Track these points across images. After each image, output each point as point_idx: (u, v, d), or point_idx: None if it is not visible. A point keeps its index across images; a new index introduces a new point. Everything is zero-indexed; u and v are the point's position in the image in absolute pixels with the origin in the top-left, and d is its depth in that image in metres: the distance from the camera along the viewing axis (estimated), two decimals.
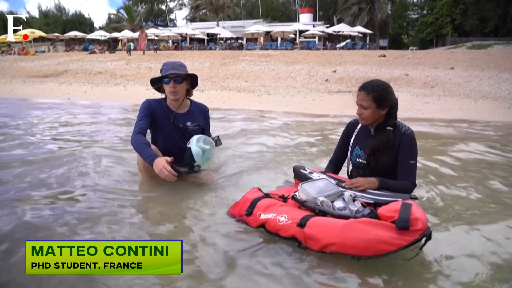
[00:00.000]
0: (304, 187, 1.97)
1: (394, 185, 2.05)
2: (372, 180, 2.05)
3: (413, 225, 1.56)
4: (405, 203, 1.69)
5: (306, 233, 1.70)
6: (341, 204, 1.88)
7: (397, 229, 1.56)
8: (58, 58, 17.97)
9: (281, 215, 1.83)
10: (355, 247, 1.58)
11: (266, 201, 1.99)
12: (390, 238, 1.55)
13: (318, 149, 4.07)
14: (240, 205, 2.08)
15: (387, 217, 1.68)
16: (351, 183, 2.06)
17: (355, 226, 1.61)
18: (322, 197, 1.89)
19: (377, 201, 1.90)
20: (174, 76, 2.56)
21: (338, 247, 1.60)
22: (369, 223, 1.63)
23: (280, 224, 1.80)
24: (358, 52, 19.89)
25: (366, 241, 1.56)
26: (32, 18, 45.22)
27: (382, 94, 2.11)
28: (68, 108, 7.64)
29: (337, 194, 1.96)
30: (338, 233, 1.61)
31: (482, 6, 28.76)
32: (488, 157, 3.83)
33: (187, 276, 1.56)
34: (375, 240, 1.55)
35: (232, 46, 28.05)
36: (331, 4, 41.81)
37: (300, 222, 1.74)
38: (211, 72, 13.06)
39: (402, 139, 2.12)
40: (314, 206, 1.86)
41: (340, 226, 1.64)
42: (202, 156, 2.48)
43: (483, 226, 2.12)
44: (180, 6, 50.72)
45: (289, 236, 1.77)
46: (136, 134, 2.47)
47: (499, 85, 9.45)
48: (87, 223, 2.06)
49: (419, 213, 1.62)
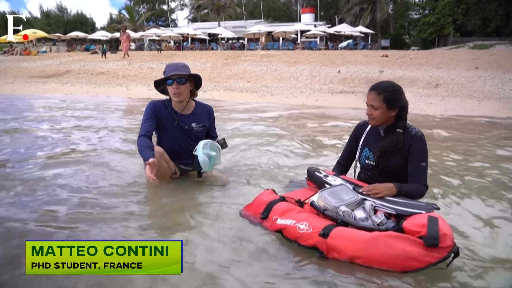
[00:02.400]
0: (324, 195, 1.92)
1: (410, 189, 2.01)
2: (391, 186, 1.99)
3: (441, 242, 1.52)
4: (431, 217, 1.64)
5: (329, 244, 1.65)
6: (362, 214, 1.83)
7: (426, 246, 1.52)
8: (60, 58, 18.02)
9: (301, 222, 1.78)
10: (382, 262, 1.55)
11: (282, 205, 1.96)
12: (418, 254, 1.52)
13: (321, 148, 4.05)
14: (255, 207, 2.04)
15: (413, 232, 1.62)
16: (369, 190, 2.00)
17: (382, 240, 1.58)
18: (344, 207, 1.84)
19: (399, 212, 1.83)
20: (177, 77, 2.55)
21: (364, 260, 1.57)
22: (397, 237, 1.59)
23: (301, 232, 1.75)
24: (360, 52, 19.87)
25: (394, 256, 1.53)
26: (34, 18, 45.39)
27: (393, 94, 2.10)
28: (70, 104, 7.64)
29: (356, 202, 1.91)
30: (364, 247, 1.58)
31: (484, 6, 28.68)
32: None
33: (187, 276, 1.55)
34: (403, 256, 1.52)
35: (234, 46, 28.09)
36: (333, 4, 41.83)
37: (323, 232, 1.68)
38: (213, 72, 13.06)
39: (412, 141, 2.10)
40: (336, 216, 1.81)
41: (367, 239, 1.60)
42: (209, 163, 2.48)
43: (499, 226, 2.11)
44: (182, 6, 50.91)
45: (309, 246, 1.72)
46: (140, 137, 2.47)
47: (502, 85, 9.41)
48: (88, 223, 2.05)
49: (446, 229, 1.58)
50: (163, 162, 2.57)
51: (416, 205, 1.85)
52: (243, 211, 2.12)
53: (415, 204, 1.87)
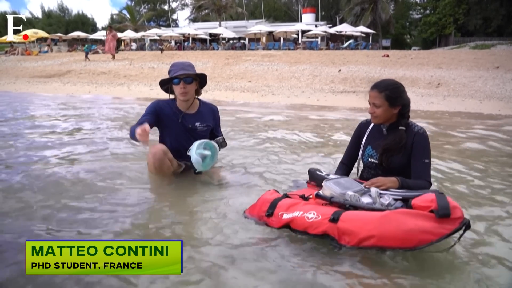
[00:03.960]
0: (328, 184, 1.91)
1: (413, 184, 2.02)
2: (393, 179, 2.00)
3: (452, 213, 1.53)
4: (439, 193, 1.65)
5: (340, 228, 1.62)
6: (369, 200, 1.82)
7: (438, 217, 1.52)
8: (61, 58, 18.06)
9: (309, 212, 1.75)
10: (395, 239, 1.52)
11: (287, 201, 1.94)
12: (431, 227, 1.51)
13: (324, 147, 4.04)
14: (259, 206, 2.01)
15: (423, 207, 1.61)
16: (372, 183, 1.99)
17: (394, 217, 1.56)
18: (350, 191, 1.83)
19: (405, 197, 1.83)
20: (184, 76, 2.55)
21: (377, 239, 1.54)
22: (408, 213, 1.58)
23: (309, 221, 1.72)
24: (361, 52, 19.87)
25: (407, 231, 1.51)
26: (35, 19, 45.44)
27: (394, 92, 2.10)
28: (70, 104, 7.65)
29: (362, 191, 1.90)
30: (376, 226, 1.55)
31: (485, 6, 28.64)
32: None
33: (187, 276, 1.54)
34: (416, 230, 1.51)
35: (235, 46, 28.08)
36: (334, 4, 41.79)
37: (332, 217, 1.66)
38: (214, 72, 13.07)
39: (415, 138, 2.10)
40: (343, 201, 1.79)
41: (378, 217, 1.58)
42: (203, 163, 2.47)
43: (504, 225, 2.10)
44: (183, 6, 50.89)
45: (320, 233, 1.69)
46: (132, 126, 2.49)
47: (504, 85, 9.40)
48: (87, 223, 2.04)
49: (455, 202, 1.59)
50: (166, 160, 2.57)
51: (421, 191, 1.85)
52: (247, 212, 2.09)
53: (420, 190, 1.87)
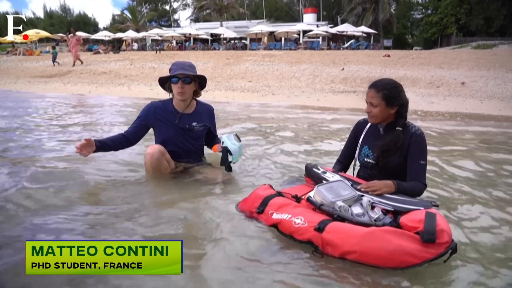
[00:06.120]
0: (320, 190, 1.90)
1: (408, 187, 2.00)
2: (389, 183, 1.97)
3: (439, 238, 1.50)
4: (429, 213, 1.62)
5: (325, 238, 1.62)
6: (359, 210, 1.81)
7: (423, 241, 1.50)
8: (62, 58, 18.06)
9: (297, 216, 1.75)
10: (377, 257, 1.51)
11: (278, 199, 1.94)
12: (415, 250, 1.49)
13: (321, 146, 4.04)
14: (251, 201, 2.02)
15: (410, 227, 1.60)
16: (367, 187, 1.97)
17: (378, 235, 1.54)
18: (340, 202, 1.82)
19: (397, 209, 1.80)
20: (183, 76, 2.55)
21: (358, 255, 1.53)
22: (393, 232, 1.56)
23: (296, 227, 1.72)
24: (362, 52, 19.85)
25: (390, 251, 1.49)
26: (37, 19, 45.56)
27: (392, 92, 2.08)
28: (70, 104, 7.67)
29: (354, 199, 1.89)
30: (359, 241, 1.54)
31: (487, 6, 28.58)
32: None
33: (187, 276, 1.55)
34: (399, 251, 1.49)
35: (236, 46, 28.07)
36: (335, 4, 41.76)
37: (318, 226, 1.65)
38: (215, 72, 13.07)
39: (412, 139, 2.08)
40: (332, 211, 1.78)
41: (362, 234, 1.56)
42: (239, 152, 2.57)
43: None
44: (184, 6, 50.94)
45: (304, 240, 1.69)
46: (118, 134, 2.63)
47: (505, 85, 9.37)
48: (87, 223, 2.04)
49: (444, 225, 1.56)
50: (164, 160, 2.58)
51: (414, 202, 1.83)
52: (239, 205, 2.12)
53: (413, 201, 1.85)
